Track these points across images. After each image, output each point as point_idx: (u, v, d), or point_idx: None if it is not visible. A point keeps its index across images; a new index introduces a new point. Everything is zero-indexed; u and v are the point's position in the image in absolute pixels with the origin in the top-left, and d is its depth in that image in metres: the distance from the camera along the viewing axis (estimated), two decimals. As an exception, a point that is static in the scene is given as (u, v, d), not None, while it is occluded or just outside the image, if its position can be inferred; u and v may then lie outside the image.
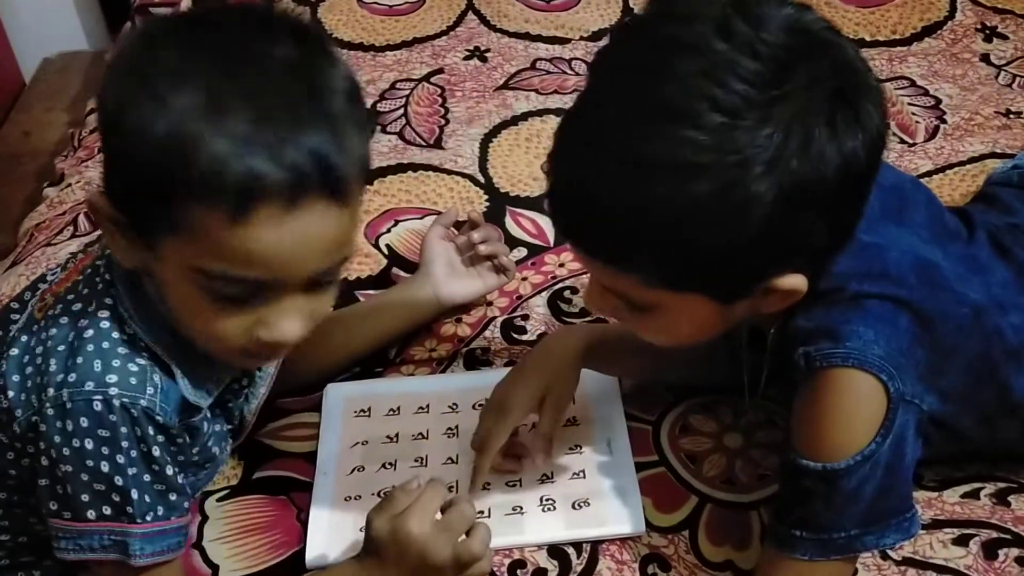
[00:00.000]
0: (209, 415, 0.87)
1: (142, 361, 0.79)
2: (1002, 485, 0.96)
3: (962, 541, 0.91)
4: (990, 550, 0.90)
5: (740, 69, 0.70)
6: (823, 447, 0.80)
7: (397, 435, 1.05)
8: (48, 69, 2.26)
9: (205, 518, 0.98)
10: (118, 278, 0.81)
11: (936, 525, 0.93)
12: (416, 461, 1.02)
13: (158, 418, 0.79)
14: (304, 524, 0.97)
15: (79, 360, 0.78)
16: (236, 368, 0.89)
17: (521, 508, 0.97)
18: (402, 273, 1.22)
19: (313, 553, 0.94)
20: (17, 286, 1.24)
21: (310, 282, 0.76)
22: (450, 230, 1.19)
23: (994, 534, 0.92)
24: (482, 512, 0.95)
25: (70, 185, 1.47)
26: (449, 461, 1.02)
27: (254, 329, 0.77)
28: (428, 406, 1.07)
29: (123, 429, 0.78)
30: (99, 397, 0.77)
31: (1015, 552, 0.90)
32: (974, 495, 0.95)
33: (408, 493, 0.85)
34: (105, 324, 0.79)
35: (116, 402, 0.77)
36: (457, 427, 1.05)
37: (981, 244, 0.91)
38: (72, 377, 0.77)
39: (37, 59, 2.27)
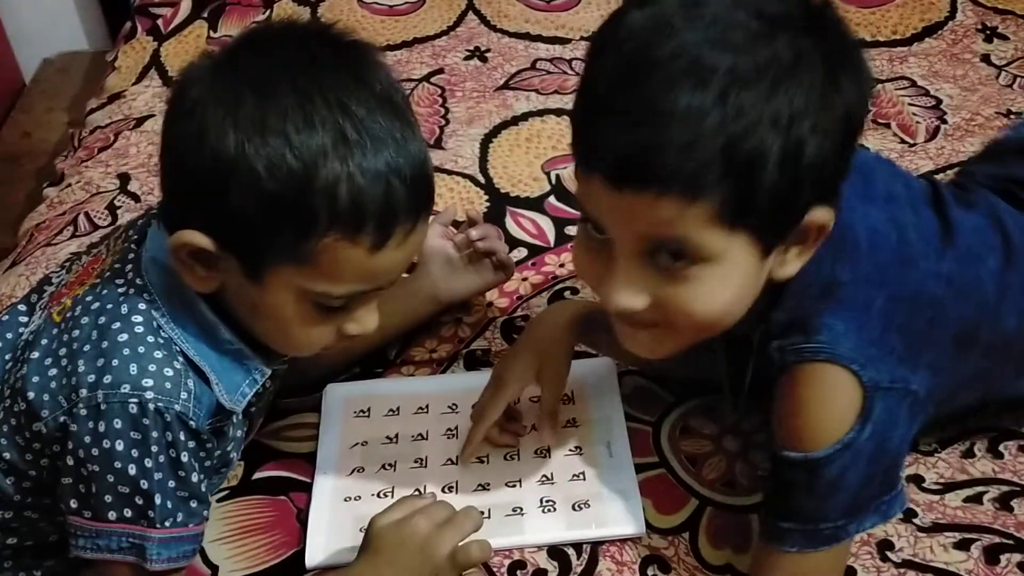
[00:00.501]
0: (234, 420, 0.87)
1: (177, 366, 0.80)
2: (1005, 489, 0.95)
3: (963, 545, 0.91)
4: (992, 555, 0.90)
5: None
6: (802, 437, 0.81)
7: (397, 436, 1.05)
8: (48, 69, 2.26)
9: (205, 519, 0.98)
10: (153, 284, 0.82)
11: (937, 528, 0.93)
12: (416, 462, 1.02)
13: (191, 423, 0.80)
14: (304, 524, 0.97)
15: (114, 362, 0.78)
16: (280, 361, 0.92)
17: (521, 509, 0.96)
18: (404, 275, 1.22)
19: (313, 554, 0.94)
20: (17, 286, 1.24)
21: None
22: (448, 228, 1.19)
23: (996, 539, 0.91)
24: (482, 513, 0.95)
25: (70, 185, 1.47)
26: (449, 462, 1.02)
27: (345, 328, 0.83)
28: (427, 407, 1.07)
29: (155, 433, 0.78)
30: (135, 400, 0.78)
31: (1017, 558, 0.90)
32: (976, 499, 0.95)
33: (419, 499, 0.88)
34: (139, 328, 0.80)
35: (151, 406, 0.78)
36: (457, 428, 1.04)
37: (950, 203, 0.91)
38: (107, 379, 0.78)
39: (37, 59, 2.27)
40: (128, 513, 0.80)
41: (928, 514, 0.93)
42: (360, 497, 0.98)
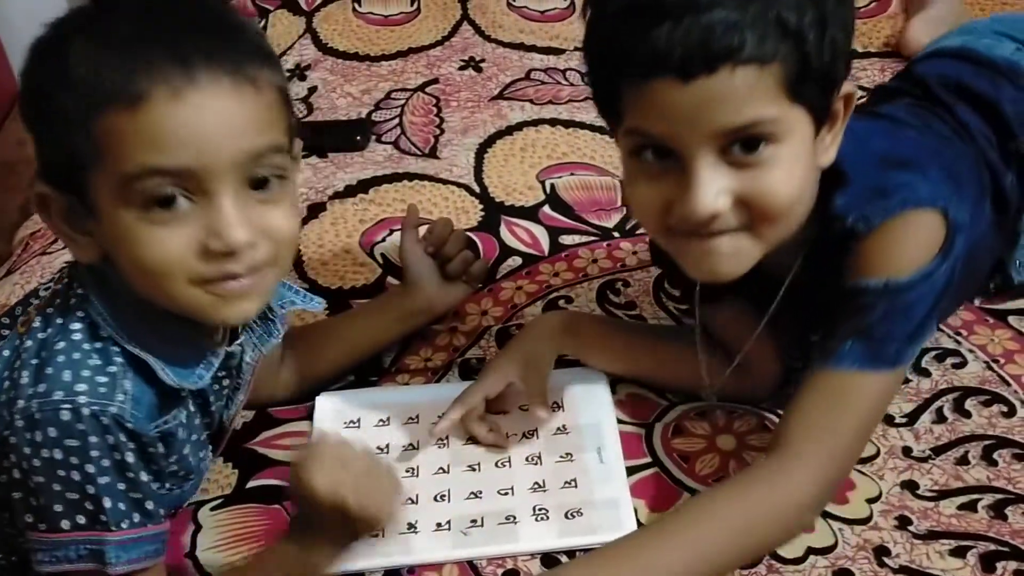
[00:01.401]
0: (185, 420, 0.85)
1: (113, 368, 0.78)
2: (999, 497, 0.95)
3: (959, 552, 0.91)
4: (988, 562, 0.90)
5: None
6: (885, 266, 0.86)
7: (388, 446, 1.05)
8: (44, 79, 2.26)
9: (199, 527, 0.98)
10: (87, 284, 0.81)
11: (933, 536, 0.92)
12: (407, 472, 1.02)
13: (128, 425, 0.78)
14: (297, 533, 0.96)
15: (48, 371, 0.77)
16: (217, 332, 0.86)
17: (514, 517, 0.96)
18: (396, 282, 1.22)
19: (305, 562, 0.93)
20: (12, 295, 1.24)
21: (246, 180, 0.76)
22: (421, 235, 1.19)
23: (992, 547, 0.91)
24: (475, 521, 0.95)
25: (65, 194, 1.47)
26: (440, 471, 1.02)
27: (204, 242, 0.75)
28: (418, 417, 1.07)
29: (92, 438, 0.76)
30: (67, 406, 0.76)
31: (1013, 565, 0.90)
32: (971, 507, 0.95)
33: (336, 447, 0.80)
34: (77, 336, 0.79)
35: (85, 410, 0.76)
36: (447, 438, 1.04)
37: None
38: (41, 388, 0.76)
39: (33, 69, 2.27)
40: (81, 520, 0.78)
41: (923, 521, 0.93)
42: (353, 506, 0.98)
